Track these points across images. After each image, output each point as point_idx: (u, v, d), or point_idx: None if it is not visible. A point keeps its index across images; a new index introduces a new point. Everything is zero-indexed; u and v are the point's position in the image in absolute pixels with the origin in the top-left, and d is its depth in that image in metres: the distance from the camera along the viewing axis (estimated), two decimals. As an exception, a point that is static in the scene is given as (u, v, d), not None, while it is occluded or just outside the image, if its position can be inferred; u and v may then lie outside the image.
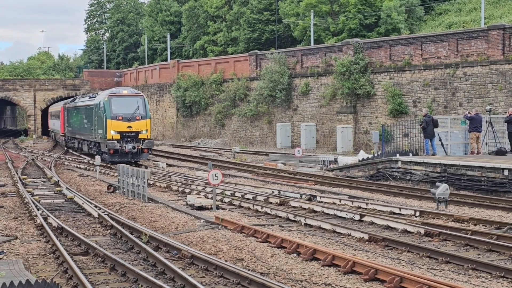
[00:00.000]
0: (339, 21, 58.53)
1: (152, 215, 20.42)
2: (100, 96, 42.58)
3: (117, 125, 37.74)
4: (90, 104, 43.62)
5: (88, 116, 43.95)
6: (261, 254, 14.47)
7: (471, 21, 52.62)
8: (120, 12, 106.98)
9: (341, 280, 12.06)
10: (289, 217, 19.36)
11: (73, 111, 51.68)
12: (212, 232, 17.19)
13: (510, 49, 37.70)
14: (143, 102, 39.86)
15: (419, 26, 58.57)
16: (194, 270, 13.10)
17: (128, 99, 39.85)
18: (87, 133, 44.34)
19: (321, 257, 13.55)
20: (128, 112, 38.38)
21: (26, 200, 23.02)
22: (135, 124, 38.30)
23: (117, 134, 37.38)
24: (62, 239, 16.26)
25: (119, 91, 41.63)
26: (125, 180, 26.19)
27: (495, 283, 11.94)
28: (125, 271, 12.78)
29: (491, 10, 52.50)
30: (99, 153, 38.83)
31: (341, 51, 49.14)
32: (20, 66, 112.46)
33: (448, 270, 12.97)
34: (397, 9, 56.55)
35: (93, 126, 41.28)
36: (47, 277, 12.00)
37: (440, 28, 53.40)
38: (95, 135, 40.98)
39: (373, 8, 57.76)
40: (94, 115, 40.94)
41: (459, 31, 43.71)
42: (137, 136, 38.05)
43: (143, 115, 38.90)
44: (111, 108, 38.03)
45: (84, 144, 46.38)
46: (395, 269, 12.01)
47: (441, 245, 15.34)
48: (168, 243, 15.13)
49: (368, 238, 15.93)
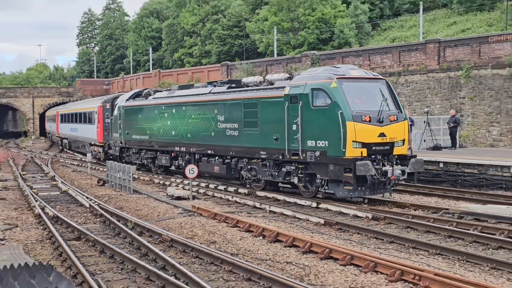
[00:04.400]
0: (299, 36, 58.75)
1: (136, 205, 20.36)
2: (300, 77, 19.19)
3: (363, 131, 16.96)
4: (258, 98, 20.32)
5: (247, 116, 20.76)
6: (231, 237, 14.51)
7: (411, 36, 53.07)
8: (108, 28, 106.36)
9: (300, 259, 12.13)
10: (255, 205, 19.43)
11: (169, 109, 26.66)
12: (189, 219, 17.20)
13: (444, 60, 38.19)
14: (390, 90, 18.70)
15: (367, 40, 58.95)
16: (173, 252, 13.09)
17: (365, 85, 18.49)
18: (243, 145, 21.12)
19: (283, 239, 13.62)
20: (373, 108, 17.66)
21: (25, 193, 22.85)
22: (389, 130, 17.54)
23: (362, 149, 16.95)
24: (58, 227, 16.15)
25: (345, 72, 18.25)
26: (113, 174, 26.06)
27: (431, 259, 12.09)
28: (113, 253, 12.75)
29: (428, 27, 53.02)
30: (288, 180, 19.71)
31: (300, 61, 49.39)
32: (20, 76, 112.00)
33: (392, 249, 13.12)
34: (349, 26, 56.95)
35: (277, 134, 19.02)
36: (44, 260, 11.90)
37: (385, 42, 53.78)
38: (287, 148, 18.64)
39: (328, 25, 58.08)
40: (287, 113, 18.52)
41: (401, 44, 44.11)
42: (391, 151, 17.72)
43: (397, 113, 18.17)
44: (347, 100, 17.13)
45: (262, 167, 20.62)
46: (346, 249, 12.12)
47: (386, 228, 15.50)
48: (151, 229, 15.11)
49: (323, 223, 16.04)
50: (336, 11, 59.08)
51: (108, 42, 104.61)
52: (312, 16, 58.12)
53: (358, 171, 16.32)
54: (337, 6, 59.52)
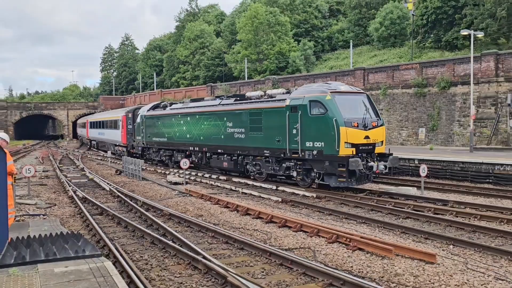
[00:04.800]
0: (263, 65, 58.86)
1: (144, 189, 20.16)
2: (298, 91, 18.51)
3: (352, 134, 16.42)
4: (262, 108, 19.53)
5: (253, 122, 20.04)
6: (214, 212, 14.46)
7: (344, 65, 53.57)
8: (123, 58, 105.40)
9: (264, 227, 12.13)
10: (231, 188, 19.37)
11: (191, 116, 24.96)
12: (183, 199, 17.09)
13: (368, 82, 38.59)
14: (370, 101, 18.06)
15: (312, 68, 59.31)
16: (171, 223, 12.99)
17: (352, 98, 17.66)
18: (257, 146, 19.86)
19: (252, 213, 13.62)
20: (359, 116, 17.00)
21: (62, 180, 22.44)
22: (372, 133, 17.01)
23: (352, 148, 16.45)
24: (86, 205, 15.91)
25: (336, 87, 17.73)
26: (127, 166, 25.74)
27: (359, 227, 12.20)
28: (126, 224, 12.61)
29: (356, 58, 53.56)
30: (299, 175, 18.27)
31: (264, 83, 49.47)
32: (57, 94, 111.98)
33: (331, 219, 13.19)
34: (299, 57, 57.28)
35: (279, 137, 18.34)
36: (75, 230, 11.71)
37: (325, 69, 54.18)
38: (288, 148, 17.98)
39: (284, 57, 58.35)
40: (288, 120, 17.91)
41: (337, 71, 44.44)
42: (373, 150, 17.17)
43: (377, 120, 17.55)
44: (339, 109, 16.61)
45: (266, 163, 19.82)
46: (297, 219, 12.14)
47: (326, 204, 15.57)
48: (155, 206, 14.98)
49: (281, 200, 16.07)
50: (290, 46, 59.46)
51: (123, 69, 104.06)
52: (273, 50, 58.40)
53: (351, 166, 15.71)
54: (291, 43, 59.98)
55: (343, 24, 65.60)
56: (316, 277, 8.08)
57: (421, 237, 10.92)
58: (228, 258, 9.46)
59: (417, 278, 7.99)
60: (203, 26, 73.77)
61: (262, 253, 9.51)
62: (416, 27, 50.58)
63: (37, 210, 14.89)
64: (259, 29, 58.65)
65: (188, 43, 73.53)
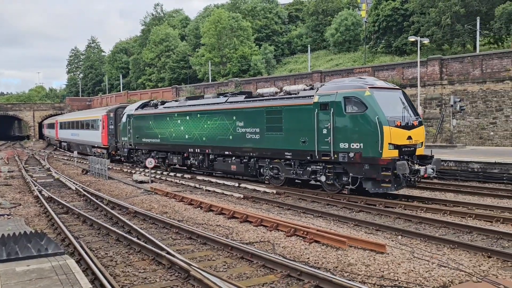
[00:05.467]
0: (226, 67, 58.69)
1: (110, 187, 19.76)
2: (327, 87, 15.75)
3: (396, 135, 14.03)
4: (283, 105, 16.79)
5: (270, 122, 17.30)
6: (178, 208, 14.33)
7: (303, 68, 54.10)
8: (89, 61, 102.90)
9: (226, 222, 12.11)
10: (196, 186, 19.25)
11: (202, 115, 21.18)
12: (148, 196, 16.84)
13: (324, 85, 39.01)
14: (406, 98, 15.55)
15: (273, 71, 59.61)
16: (137, 220, 12.80)
17: (389, 94, 15.10)
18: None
19: (215, 209, 13.55)
20: (399, 114, 14.52)
21: (27, 180, 21.75)
22: (414, 133, 14.61)
23: (395, 150, 14.02)
24: (51, 204, 15.45)
25: (373, 82, 15.29)
26: (93, 166, 25.16)
27: (315, 220, 12.34)
28: (92, 223, 12.33)
29: (314, 62, 54.17)
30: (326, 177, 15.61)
31: (227, 85, 49.37)
32: (23, 95, 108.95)
33: (290, 214, 13.29)
34: (260, 61, 57.46)
35: (305, 137, 15.76)
36: (39, 229, 11.35)
37: (285, 72, 54.55)
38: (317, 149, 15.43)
39: (246, 60, 58.36)
40: (317, 119, 15.37)
41: (296, 74, 44.84)
42: (414, 152, 14.72)
43: (417, 119, 15.12)
44: (380, 107, 14.15)
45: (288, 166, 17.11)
46: (258, 214, 12.17)
47: (285, 200, 15.66)
48: (120, 204, 14.72)
49: (243, 197, 16.08)
50: (252, 50, 59.55)
51: (89, 71, 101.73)
52: (235, 54, 58.33)
53: (398, 170, 13.47)
54: (252, 47, 60.06)
55: (302, 29, 66.25)
56: (275, 269, 8.13)
57: (372, 229, 11.14)
58: (192, 253, 9.39)
59: (368, 267, 8.15)
60: (168, 30, 72.94)
61: (224, 247, 9.48)
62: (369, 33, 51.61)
63: (1, 210, 14.36)
64: (222, 33, 58.48)
65: (153, 46, 72.55)
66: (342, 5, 62.41)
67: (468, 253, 9.01)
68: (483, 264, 8.31)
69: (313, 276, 7.41)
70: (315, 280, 7.33)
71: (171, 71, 69.41)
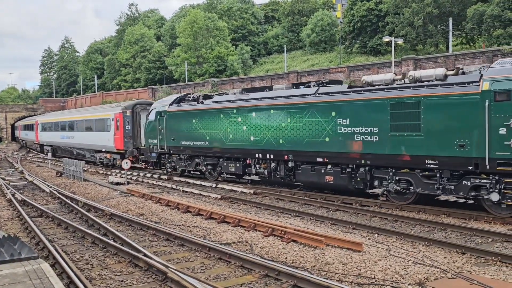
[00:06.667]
0: (202, 68, 58.48)
1: (86, 190, 19.44)
2: (497, 69, 11.20)
3: None
4: (422, 96, 12.29)
5: (399, 118, 12.87)
6: (155, 210, 14.20)
7: (279, 68, 54.32)
8: (63, 61, 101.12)
9: (204, 223, 12.05)
10: (173, 187, 19.12)
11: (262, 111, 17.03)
12: (124, 198, 16.64)
13: (301, 85, 39.22)
14: None
15: (249, 71, 59.68)
16: (113, 223, 12.63)
17: None
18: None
19: (192, 210, 13.48)
20: None
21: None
22: None
23: None
24: (25, 208, 15.14)
25: None
26: (68, 168, 24.72)
27: (293, 220, 12.38)
28: (67, 226, 12.12)
29: (290, 62, 54.46)
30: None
31: (204, 86, 49.19)
32: None
33: (267, 214, 13.32)
34: (237, 61, 57.45)
35: (465, 140, 11.43)
36: (13, 233, 11.09)
37: (262, 72, 54.67)
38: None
39: (223, 60, 58.28)
40: (488, 113, 10.92)
41: (272, 74, 44.98)
42: None
43: None
44: None
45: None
46: (236, 215, 12.15)
47: (263, 200, 15.68)
48: (96, 207, 14.51)
49: (220, 197, 16.05)
50: (228, 50, 59.48)
51: (63, 72, 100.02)
52: (211, 54, 58.17)
53: None
54: (229, 47, 60.00)
55: (278, 30, 66.53)
56: (253, 269, 8.13)
57: (349, 228, 11.25)
58: (169, 255, 9.31)
59: (345, 265, 8.22)
60: (143, 30, 72.24)
61: (202, 248, 9.43)
62: (344, 34, 52.16)
63: (-28, 214, 13.99)
64: (198, 33, 58.23)
65: (128, 46, 71.76)
66: (318, 5, 62.93)
67: (442, 250, 9.18)
68: (457, 260, 8.48)
69: (291, 276, 7.44)
70: (293, 280, 7.36)
71: (147, 71, 68.80)
